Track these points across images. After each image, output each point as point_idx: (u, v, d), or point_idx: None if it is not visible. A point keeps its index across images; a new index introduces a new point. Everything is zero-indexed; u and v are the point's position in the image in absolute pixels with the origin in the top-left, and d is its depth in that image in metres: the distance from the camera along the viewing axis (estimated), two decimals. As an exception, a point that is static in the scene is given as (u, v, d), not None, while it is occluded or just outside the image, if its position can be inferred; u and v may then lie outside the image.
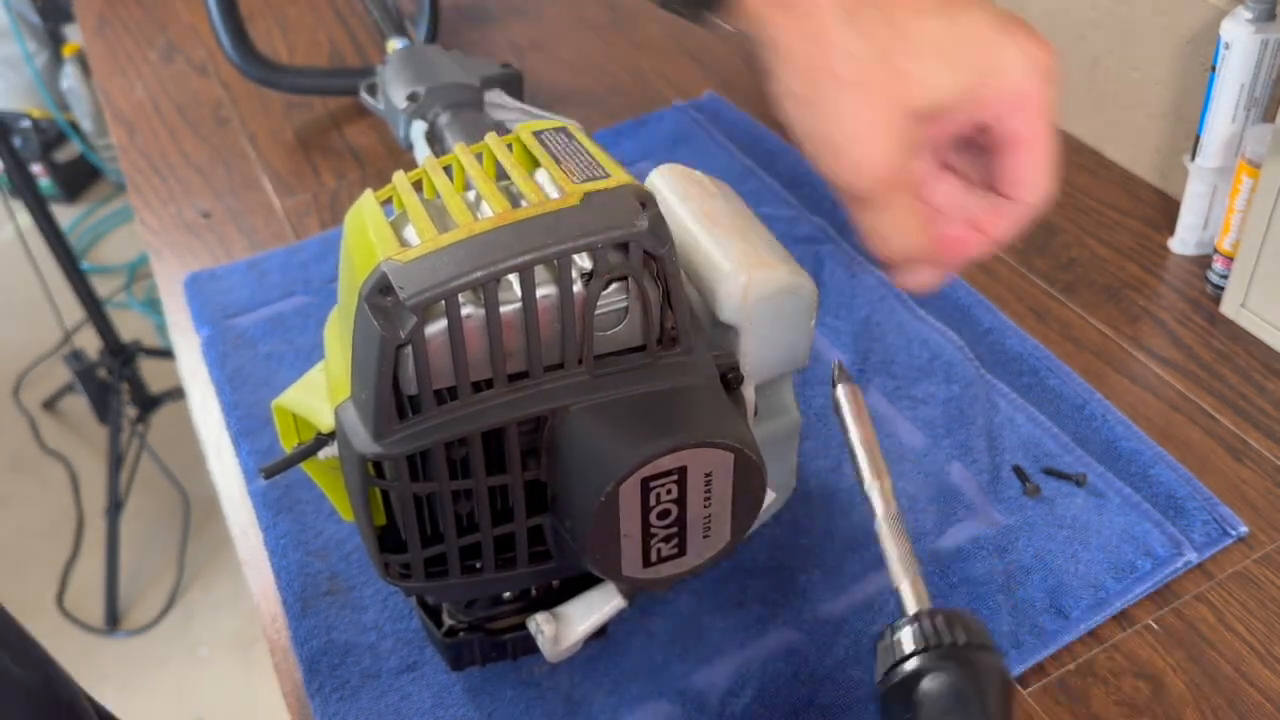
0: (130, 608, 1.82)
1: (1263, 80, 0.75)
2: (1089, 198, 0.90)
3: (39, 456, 2.06)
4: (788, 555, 0.65)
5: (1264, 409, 0.72)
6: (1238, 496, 0.66)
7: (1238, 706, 0.57)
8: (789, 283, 0.54)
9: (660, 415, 0.49)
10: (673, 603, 0.63)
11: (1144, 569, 0.62)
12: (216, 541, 1.89)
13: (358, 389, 0.49)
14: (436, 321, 0.46)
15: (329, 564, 0.66)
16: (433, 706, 0.59)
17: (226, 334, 0.83)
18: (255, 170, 1.02)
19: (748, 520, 0.52)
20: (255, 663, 1.72)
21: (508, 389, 0.48)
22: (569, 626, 0.55)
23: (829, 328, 0.79)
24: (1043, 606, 0.61)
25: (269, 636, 0.65)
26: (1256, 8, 0.72)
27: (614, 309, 0.50)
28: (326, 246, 0.91)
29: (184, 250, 0.94)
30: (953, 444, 0.70)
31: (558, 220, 0.48)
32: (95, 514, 1.92)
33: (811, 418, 0.73)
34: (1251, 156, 0.74)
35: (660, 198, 0.59)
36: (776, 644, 0.61)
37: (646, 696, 0.59)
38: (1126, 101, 0.90)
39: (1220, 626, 0.60)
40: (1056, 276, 0.83)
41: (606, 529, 0.48)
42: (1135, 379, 0.75)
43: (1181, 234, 0.84)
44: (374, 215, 0.51)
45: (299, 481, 0.71)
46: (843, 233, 0.88)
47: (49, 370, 2.17)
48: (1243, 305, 0.77)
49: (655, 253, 0.49)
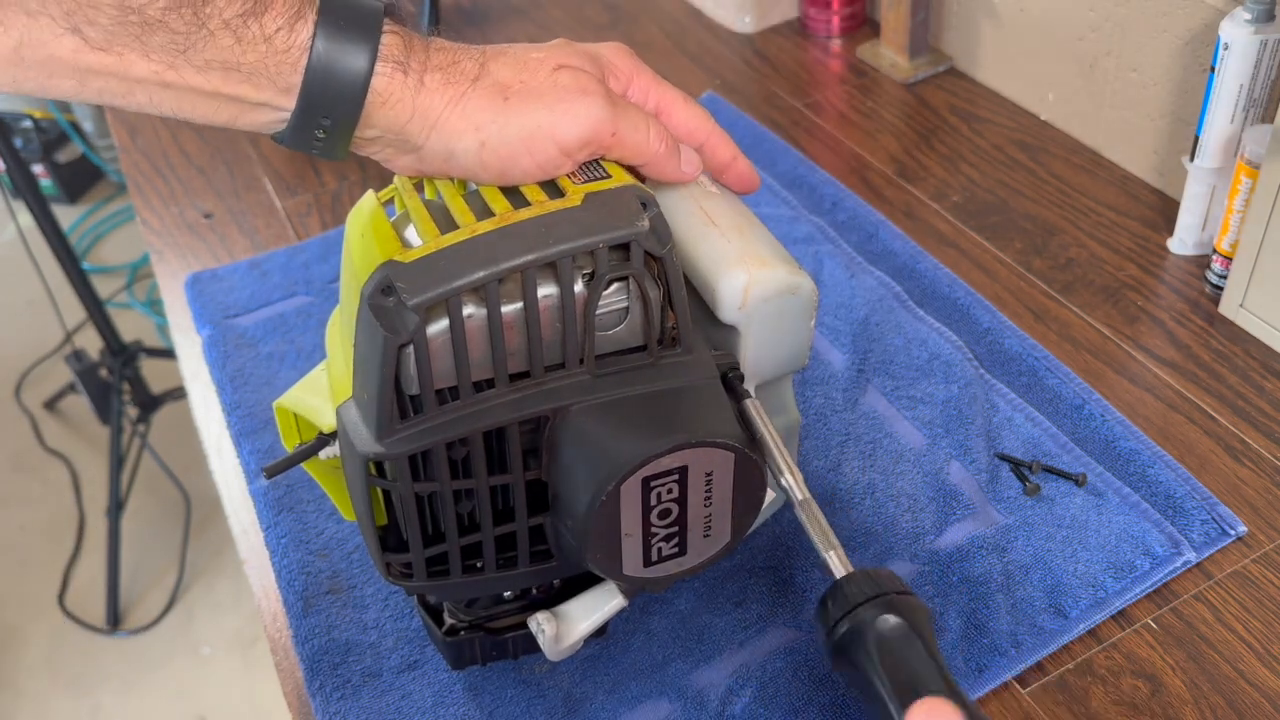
0: (132, 607, 1.82)
1: (1262, 81, 0.75)
2: (1088, 198, 0.90)
3: (40, 456, 2.06)
4: (788, 555, 0.65)
5: (1263, 409, 0.72)
6: (1236, 496, 0.67)
7: (1236, 705, 0.57)
8: (789, 283, 0.54)
9: (661, 415, 0.49)
10: (673, 602, 0.63)
11: (1143, 568, 0.62)
12: (218, 541, 1.89)
13: (359, 389, 0.49)
14: (438, 322, 0.47)
15: (330, 563, 0.67)
16: (434, 705, 0.59)
17: (228, 334, 0.84)
18: (257, 171, 1.03)
19: (748, 520, 0.52)
20: (257, 662, 1.72)
21: (509, 389, 0.49)
22: (570, 625, 0.55)
23: (829, 328, 0.79)
24: (1042, 606, 0.61)
25: (270, 635, 0.65)
26: (1255, 8, 0.72)
27: (615, 309, 0.50)
28: (328, 247, 0.91)
29: (185, 250, 0.95)
30: (951, 444, 0.70)
31: (559, 221, 0.48)
32: (97, 514, 1.92)
33: (811, 418, 0.73)
34: (1250, 157, 0.74)
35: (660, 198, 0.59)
36: (776, 643, 0.61)
37: (646, 695, 0.59)
38: (1125, 102, 0.91)
39: (1219, 626, 0.60)
40: (1055, 277, 0.83)
41: (607, 528, 0.48)
42: (1134, 379, 0.75)
43: (1180, 234, 0.84)
44: (376, 216, 0.51)
45: (300, 481, 0.71)
46: (842, 233, 0.88)
47: (50, 370, 2.17)
48: (1241, 305, 0.77)
49: (656, 253, 0.49)
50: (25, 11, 0.43)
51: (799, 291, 0.55)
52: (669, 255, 0.49)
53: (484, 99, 0.50)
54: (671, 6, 1.23)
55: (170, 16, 0.44)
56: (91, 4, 0.43)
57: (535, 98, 0.50)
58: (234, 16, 0.45)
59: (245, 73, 0.46)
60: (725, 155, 0.58)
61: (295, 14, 0.46)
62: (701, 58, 1.14)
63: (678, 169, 0.56)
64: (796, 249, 0.86)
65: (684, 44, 1.16)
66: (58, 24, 0.43)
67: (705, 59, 1.14)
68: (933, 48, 1.09)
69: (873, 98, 1.05)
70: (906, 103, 1.04)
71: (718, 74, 1.11)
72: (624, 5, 1.25)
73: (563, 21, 1.22)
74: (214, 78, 0.46)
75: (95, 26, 0.43)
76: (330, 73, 0.47)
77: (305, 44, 0.46)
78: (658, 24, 1.20)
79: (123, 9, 0.43)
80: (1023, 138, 0.98)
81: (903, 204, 0.92)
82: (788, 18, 1.18)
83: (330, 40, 0.46)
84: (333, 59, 0.46)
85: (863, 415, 0.73)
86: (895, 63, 1.08)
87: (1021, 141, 0.97)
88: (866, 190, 0.94)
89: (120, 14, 0.43)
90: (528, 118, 0.50)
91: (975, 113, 1.01)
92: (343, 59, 0.47)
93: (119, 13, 0.43)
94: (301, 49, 0.46)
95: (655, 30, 1.19)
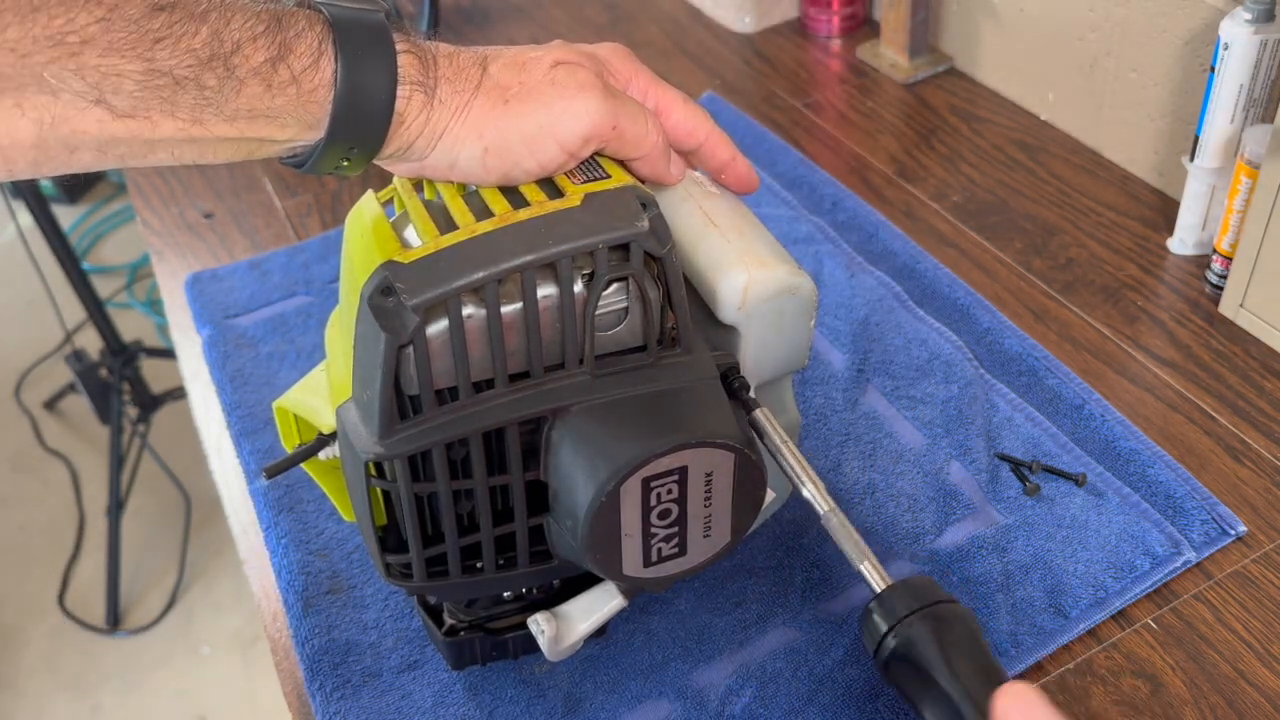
0: (132, 607, 1.82)
1: (1261, 81, 0.75)
2: (1088, 198, 0.90)
3: (40, 456, 2.06)
4: (788, 555, 0.65)
5: (1263, 409, 0.72)
6: (1236, 496, 0.67)
7: (1236, 705, 0.57)
8: (789, 283, 0.54)
9: (661, 415, 0.49)
10: (673, 602, 0.63)
11: (1143, 568, 0.62)
12: (218, 541, 1.89)
13: (359, 389, 0.49)
14: (438, 322, 0.47)
15: (330, 563, 0.67)
16: (434, 705, 0.59)
17: (228, 334, 0.84)
18: (257, 171, 1.03)
19: (748, 520, 0.52)
20: (256, 662, 1.72)
21: (509, 389, 0.49)
22: (569, 626, 0.55)
23: (829, 328, 0.79)
24: (1042, 606, 0.61)
25: (270, 635, 0.65)
26: (1255, 8, 0.72)
27: (614, 309, 0.50)
28: (328, 247, 0.91)
29: (185, 250, 0.95)
30: (952, 444, 0.70)
31: (559, 221, 0.48)
32: (97, 514, 1.92)
33: (811, 418, 0.73)
34: (1250, 157, 0.74)
35: (660, 198, 0.59)
36: (776, 643, 0.61)
37: (646, 695, 0.59)
38: (1125, 102, 0.90)
39: (1219, 626, 0.60)
40: (1055, 277, 0.83)
41: (607, 529, 0.48)
42: (1134, 379, 0.75)
43: (1180, 234, 0.84)
44: (375, 216, 0.51)
45: (300, 481, 0.71)
46: (842, 233, 0.88)
47: (50, 370, 2.17)
48: (1241, 305, 0.77)
49: (656, 254, 0.49)
50: (45, 91, 0.41)
51: (799, 291, 0.55)
52: (669, 255, 0.49)
53: (485, 105, 0.49)
54: (671, 6, 1.23)
55: (202, 73, 0.43)
56: (116, 72, 0.41)
57: (534, 98, 0.50)
58: (262, 63, 0.44)
59: (272, 115, 0.45)
60: (724, 155, 0.58)
61: (317, 50, 0.45)
62: (701, 58, 1.14)
63: (666, 169, 0.56)
64: (796, 249, 0.86)
65: (684, 44, 1.16)
66: (81, 98, 0.41)
67: (705, 59, 1.14)
68: (933, 48, 1.09)
69: (873, 98, 1.05)
70: (906, 103, 1.04)
71: (718, 74, 1.11)
72: (624, 5, 1.25)
73: (563, 21, 1.22)
74: (240, 124, 0.45)
75: (121, 94, 0.42)
76: (357, 105, 0.46)
77: (330, 80, 0.46)
78: (658, 24, 1.20)
79: (150, 73, 0.42)
80: (1023, 138, 0.98)
81: (903, 204, 0.92)
82: (788, 18, 1.18)
83: (352, 70, 0.46)
84: (357, 90, 0.46)
85: (863, 415, 0.73)
86: (895, 63, 1.08)
87: (1021, 141, 0.97)
88: (866, 190, 0.94)
89: (147, 78, 0.42)
90: (528, 119, 0.49)
91: (975, 113, 1.01)
92: (367, 89, 0.46)
93: (145, 76, 0.42)
94: (327, 85, 0.46)
95: (655, 30, 1.19)
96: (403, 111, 0.48)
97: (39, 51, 0.40)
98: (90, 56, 0.41)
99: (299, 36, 0.45)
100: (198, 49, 0.42)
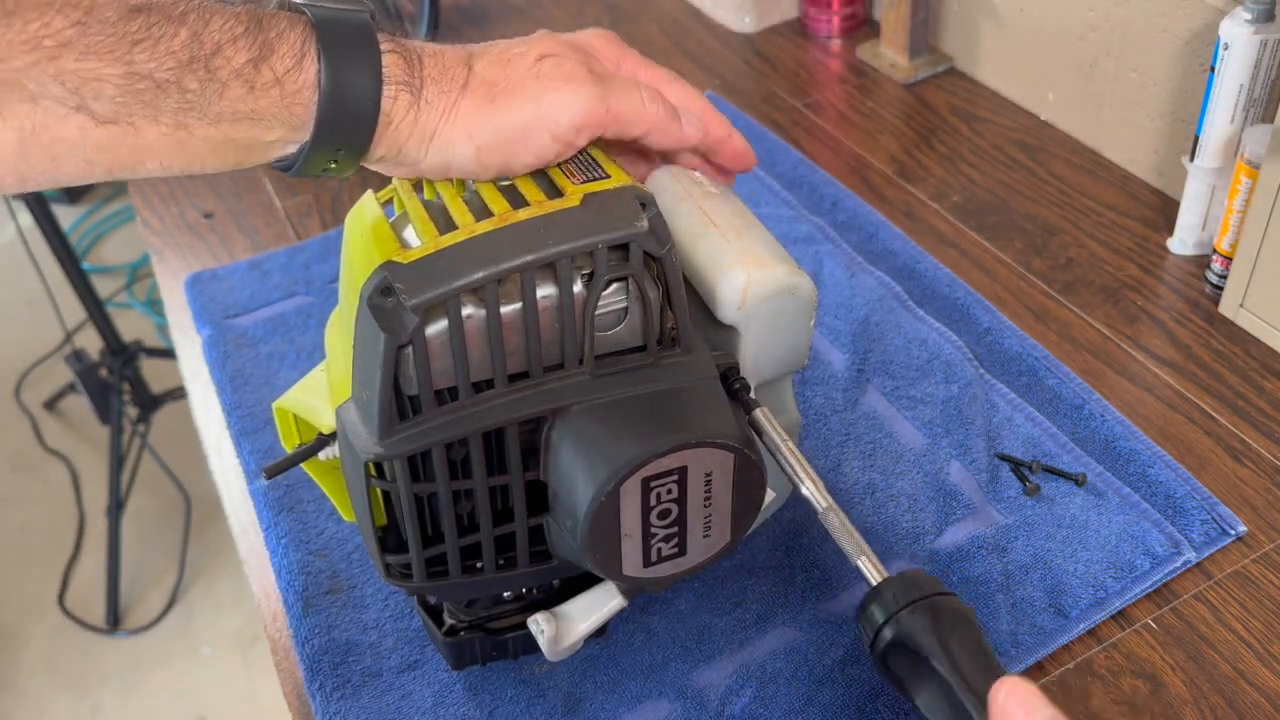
0: (132, 607, 1.82)
1: (1261, 80, 0.75)
2: (1088, 198, 0.90)
3: (40, 456, 2.06)
4: (788, 555, 0.65)
5: (1263, 409, 0.72)
6: (1236, 496, 0.66)
7: (1236, 705, 0.57)
8: (788, 283, 0.54)
9: (660, 415, 0.49)
10: (673, 602, 0.63)
11: (1143, 568, 0.62)
12: (218, 541, 1.89)
13: (359, 390, 0.49)
14: (437, 322, 0.47)
15: (330, 563, 0.67)
16: (434, 705, 0.59)
17: (228, 334, 0.84)
18: (257, 171, 1.03)
19: (748, 520, 0.52)
20: (256, 662, 1.72)
21: (508, 389, 0.49)
22: (569, 626, 0.55)
23: (828, 328, 0.79)
24: (1042, 606, 0.61)
25: (270, 635, 0.65)
26: (1255, 8, 0.72)
27: (614, 309, 0.50)
28: (328, 247, 0.91)
29: (186, 250, 0.95)
30: (952, 444, 0.70)
31: (558, 221, 0.48)
32: (97, 514, 1.92)
33: (811, 418, 0.73)
34: (1250, 157, 0.74)
35: (660, 198, 0.59)
36: (776, 643, 0.61)
37: (646, 695, 0.59)
38: (1125, 102, 0.90)
39: (1219, 625, 0.60)
40: (1055, 277, 0.83)
41: (607, 529, 0.48)
42: (1134, 379, 0.75)
43: (1180, 234, 0.84)
44: (375, 216, 0.51)
45: (300, 481, 0.71)
46: (842, 233, 0.88)
47: (50, 370, 2.17)
48: (1241, 305, 0.77)
49: (655, 253, 0.49)
50: (25, 98, 0.40)
51: (798, 291, 0.55)
52: (668, 255, 0.49)
53: (473, 104, 0.49)
54: (671, 6, 1.23)
55: (183, 76, 0.42)
56: (95, 76, 0.41)
57: (521, 93, 0.50)
58: (244, 64, 0.44)
59: (257, 118, 0.45)
60: (720, 132, 0.58)
61: (300, 51, 0.45)
62: (701, 58, 1.14)
63: (680, 131, 0.55)
64: (796, 249, 0.86)
65: (684, 44, 1.16)
66: (61, 104, 0.41)
67: (705, 59, 1.14)
68: (933, 48, 1.09)
69: (873, 98, 1.05)
70: (906, 103, 1.04)
71: (718, 74, 1.11)
72: (624, 5, 1.25)
73: (562, 21, 1.22)
74: (225, 127, 0.45)
75: (101, 99, 0.41)
76: (341, 105, 0.46)
77: (314, 80, 0.45)
78: (658, 24, 1.20)
79: (130, 76, 0.41)
80: (1023, 138, 0.98)
81: (903, 204, 0.92)
82: (788, 18, 1.18)
83: (336, 70, 0.46)
84: (342, 90, 0.46)
85: (863, 415, 0.73)
86: (895, 63, 1.08)
87: (1021, 141, 0.97)
88: (866, 190, 0.94)
89: (127, 81, 0.41)
90: (517, 115, 0.49)
91: (975, 113, 1.01)
92: (351, 89, 0.46)
93: (125, 80, 0.41)
94: (311, 86, 0.46)
95: (655, 30, 1.19)
96: (389, 111, 0.48)
97: (15, 56, 0.40)
98: (68, 60, 0.40)
99: (280, 37, 0.45)
100: (177, 51, 0.42)
